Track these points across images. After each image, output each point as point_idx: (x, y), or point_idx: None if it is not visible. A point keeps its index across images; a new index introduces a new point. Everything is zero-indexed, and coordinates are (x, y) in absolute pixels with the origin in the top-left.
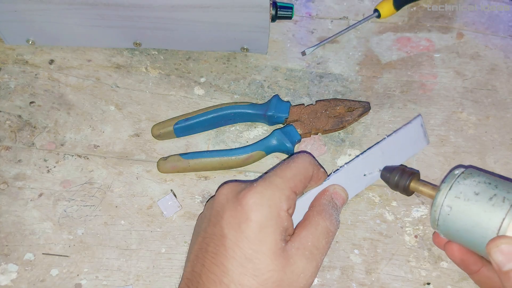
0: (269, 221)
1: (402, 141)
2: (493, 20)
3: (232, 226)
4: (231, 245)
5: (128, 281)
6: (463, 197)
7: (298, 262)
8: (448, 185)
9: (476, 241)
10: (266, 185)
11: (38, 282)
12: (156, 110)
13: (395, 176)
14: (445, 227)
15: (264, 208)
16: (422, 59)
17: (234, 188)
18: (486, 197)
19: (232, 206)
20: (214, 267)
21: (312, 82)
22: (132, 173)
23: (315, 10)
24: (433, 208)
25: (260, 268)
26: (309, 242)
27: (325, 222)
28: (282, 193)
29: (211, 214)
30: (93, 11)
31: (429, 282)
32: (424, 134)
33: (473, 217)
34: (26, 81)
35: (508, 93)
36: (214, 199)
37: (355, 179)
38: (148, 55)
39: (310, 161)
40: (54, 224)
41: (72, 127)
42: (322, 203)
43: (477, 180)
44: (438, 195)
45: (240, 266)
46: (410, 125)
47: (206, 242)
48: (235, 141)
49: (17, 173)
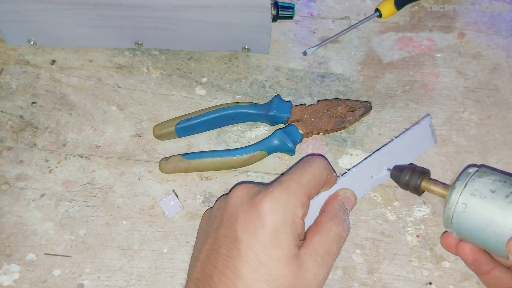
0: (284, 227)
1: (410, 141)
2: (495, 20)
3: (246, 230)
4: (245, 249)
5: (130, 282)
6: (478, 195)
7: (311, 268)
8: (463, 182)
9: (490, 239)
10: (282, 191)
11: (40, 283)
12: (157, 110)
13: (405, 175)
14: (459, 225)
15: (279, 214)
16: (423, 58)
17: (249, 190)
18: (502, 195)
19: (247, 209)
20: (226, 270)
21: (313, 82)
22: (133, 173)
23: (316, 10)
24: (447, 206)
25: (274, 274)
26: (321, 248)
27: (337, 228)
28: (298, 199)
29: (223, 215)
30: (94, 11)
31: (431, 282)
32: (432, 133)
33: (488, 215)
34: (28, 81)
35: (510, 92)
36: (227, 200)
37: (363, 181)
38: (150, 55)
39: (325, 166)
40: (56, 224)
41: (73, 128)
42: (334, 208)
43: (492, 178)
44: (453, 193)
45: (253, 271)
46: (419, 126)
47: (218, 244)
48: (237, 141)
49: (19, 174)
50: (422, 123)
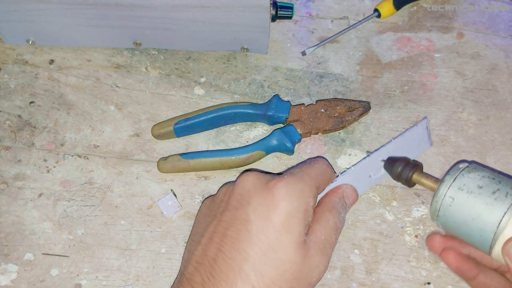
0: (298, 213)
1: (407, 143)
2: (493, 20)
3: (259, 212)
4: (256, 231)
5: (128, 281)
6: (466, 189)
7: (315, 255)
8: (452, 177)
9: (474, 234)
10: (297, 179)
11: (38, 282)
12: (156, 110)
13: (398, 167)
14: (444, 218)
15: (294, 200)
16: (422, 59)
17: (260, 176)
18: (489, 191)
19: (261, 193)
20: (233, 252)
21: (312, 82)
22: (132, 173)
23: (315, 10)
24: (435, 199)
25: (282, 258)
26: (322, 236)
27: (334, 219)
28: (310, 189)
29: (230, 198)
30: (93, 11)
31: (429, 282)
32: (428, 136)
33: (474, 209)
34: (26, 81)
35: (508, 93)
36: (235, 184)
37: (361, 180)
38: (148, 55)
39: (328, 164)
40: (54, 224)
41: (72, 127)
42: (333, 200)
43: (481, 174)
44: (441, 186)
45: (262, 254)
46: (416, 128)
47: (224, 226)
48: (235, 141)
49: (17, 173)
50: (419, 125)
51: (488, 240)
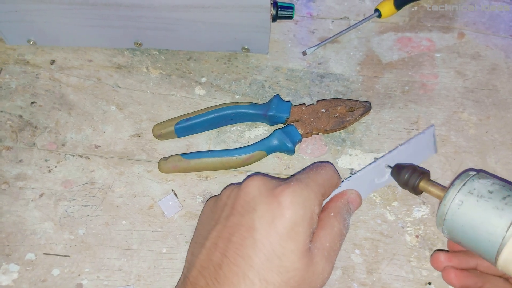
0: (303, 221)
1: (412, 150)
2: (494, 20)
3: (265, 219)
4: (261, 238)
5: (129, 281)
6: (476, 194)
7: (319, 262)
8: (462, 181)
9: (482, 238)
10: (303, 186)
11: (39, 282)
12: (157, 110)
13: (405, 174)
14: (452, 222)
15: (300, 208)
16: (423, 59)
17: (266, 182)
18: (500, 196)
19: (267, 200)
20: (238, 258)
21: (313, 82)
22: (133, 173)
23: (316, 10)
24: (443, 202)
25: (287, 266)
26: (327, 243)
27: (339, 225)
28: (316, 197)
29: (235, 203)
30: (94, 11)
31: (430, 282)
32: (434, 143)
33: (483, 213)
34: (27, 81)
35: (509, 93)
36: (240, 188)
37: (365, 185)
38: (149, 55)
39: (335, 170)
40: (55, 224)
41: (73, 127)
42: (338, 206)
43: (492, 181)
44: (451, 190)
45: (267, 261)
46: (423, 135)
47: (228, 232)
48: (236, 141)
49: (18, 173)
50: (426, 132)
51: (496, 244)
